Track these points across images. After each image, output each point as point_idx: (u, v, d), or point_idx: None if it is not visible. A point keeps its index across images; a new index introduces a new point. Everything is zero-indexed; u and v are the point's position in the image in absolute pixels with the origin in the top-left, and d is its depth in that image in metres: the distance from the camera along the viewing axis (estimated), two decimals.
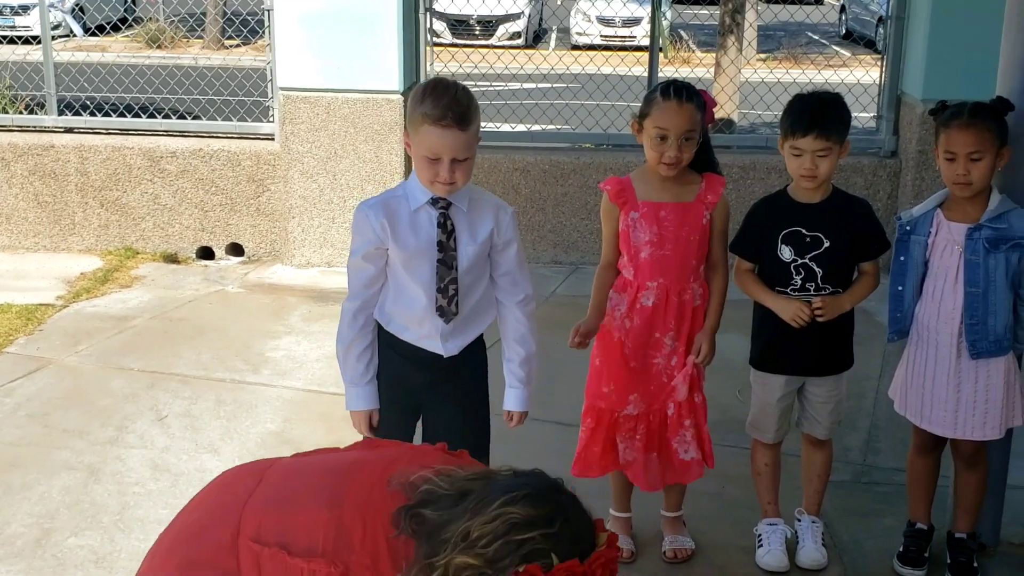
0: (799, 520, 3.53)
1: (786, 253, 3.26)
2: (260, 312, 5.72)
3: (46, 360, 5.01)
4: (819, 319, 3.23)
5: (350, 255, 2.94)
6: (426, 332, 2.93)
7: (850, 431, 4.32)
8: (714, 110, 3.31)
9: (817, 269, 3.24)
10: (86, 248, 6.54)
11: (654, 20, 6.62)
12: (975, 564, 3.39)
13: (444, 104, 2.72)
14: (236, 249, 6.57)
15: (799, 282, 3.26)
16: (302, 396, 4.66)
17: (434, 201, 2.85)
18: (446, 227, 2.85)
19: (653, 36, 6.62)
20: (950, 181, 3.17)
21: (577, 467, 3.49)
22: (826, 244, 3.23)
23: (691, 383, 3.36)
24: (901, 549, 3.46)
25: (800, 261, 3.24)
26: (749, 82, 8.03)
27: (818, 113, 3.20)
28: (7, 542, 3.56)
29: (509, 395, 3.13)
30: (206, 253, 6.55)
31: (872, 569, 3.50)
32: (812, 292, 3.26)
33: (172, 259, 6.46)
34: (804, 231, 3.24)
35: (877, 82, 6.65)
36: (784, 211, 3.28)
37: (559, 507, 1.80)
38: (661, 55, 6.75)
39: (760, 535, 3.51)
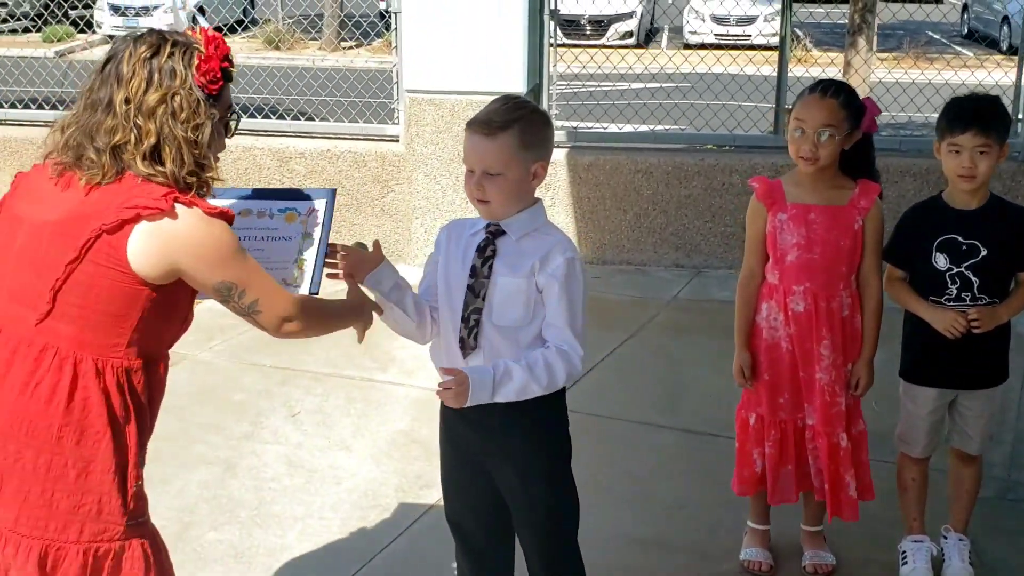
0: (945, 538, 3.41)
1: (941, 261, 3.14)
2: None
3: (180, 355, 5.12)
4: (975, 331, 3.11)
5: None
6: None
7: (993, 445, 4.15)
8: (876, 118, 3.18)
9: (973, 279, 3.12)
10: None
11: (783, 19, 6.47)
12: None
13: (485, 111, 2.55)
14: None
15: (954, 292, 3.14)
16: (428, 395, 4.67)
17: (488, 226, 2.61)
18: (484, 252, 2.57)
19: (783, 35, 6.47)
20: None
21: (774, 495, 3.36)
22: (983, 252, 3.11)
23: (851, 413, 3.28)
24: None
25: (956, 270, 3.13)
26: (882, 82, 7.83)
27: (978, 110, 3.11)
28: None
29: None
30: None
31: None
32: (968, 302, 3.14)
33: None
34: (960, 239, 3.12)
35: (1013, 83, 6.39)
36: (939, 218, 3.17)
37: (159, 30, 2.22)
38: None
39: (904, 552, 3.40)
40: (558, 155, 6.39)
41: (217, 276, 2.18)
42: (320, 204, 2.46)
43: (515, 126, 2.50)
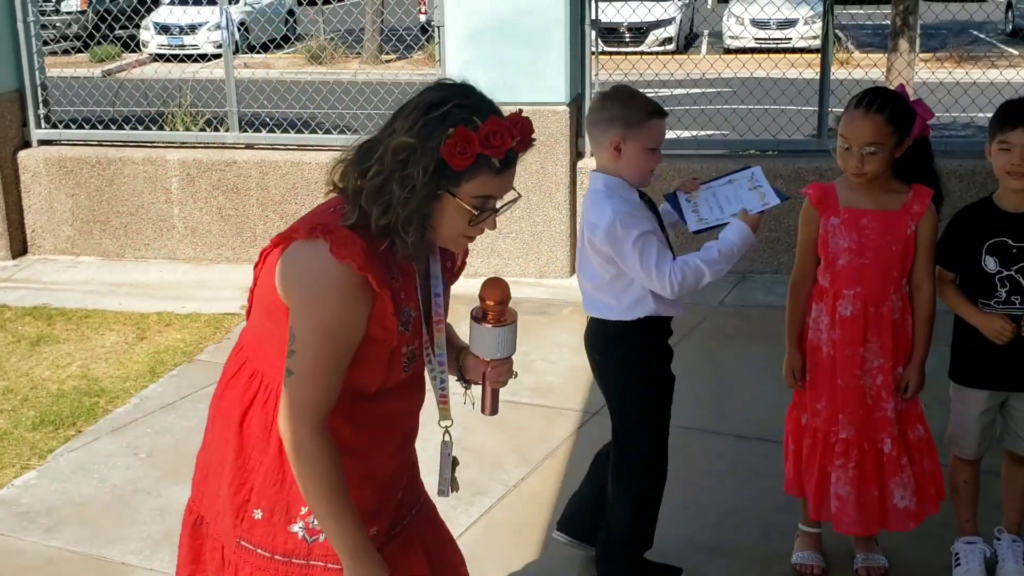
0: (999, 539, 3.41)
1: (991, 264, 3.14)
2: None
3: None
4: None
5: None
6: None
7: None
8: (928, 122, 3.18)
9: (1023, 281, 3.12)
10: None
11: (825, 21, 6.46)
12: None
13: (651, 100, 3.08)
14: None
15: (1004, 295, 3.14)
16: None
17: (642, 194, 3.15)
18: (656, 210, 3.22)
19: (826, 38, 6.46)
20: None
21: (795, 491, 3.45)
22: None
23: (906, 417, 3.28)
24: None
25: (1005, 273, 3.13)
26: (926, 84, 7.79)
27: None
28: None
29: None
30: None
31: None
32: (1017, 305, 3.13)
33: None
34: (1011, 242, 3.12)
35: None
36: (989, 220, 3.17)
37: (467, 86, 2.07)
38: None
39: (957, 554, 3.40)
40: None
41: (293, 319, 2.04)
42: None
43: (591, 104, 3.10)
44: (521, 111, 2.03)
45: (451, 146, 1.96)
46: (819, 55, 6.59)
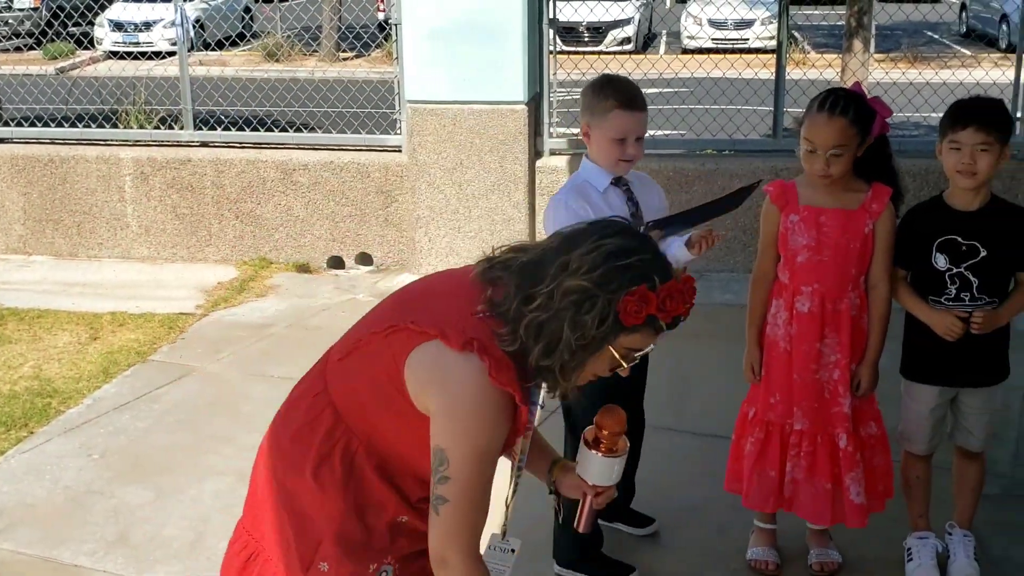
0: (950, 534, 3.45)
1: (941, 261, 3.18)
2: None
3: (190, 367, 5.18)
4: (975, 332, 3.15)
5: None
6: None
7: (997, 443, 4.18)
8: (887, 119, 3.22)
9: (973, 279, 3.16)
10: (222, 258, 6.76)
11: (781, 22, 6.51)
12: None
13: (622, 92, 3.13)
14: (365, 259, 6.71)
15: (954, 292, 3.18)
16: None
17: (617, 180, 3.19)
18: (634, 200, 3.23)
19: (780, 39, 6.51)
20: None
21: (750, 498, 3.42)
22: (983, 253, 3.15)
23: (861, 414, 3.31)
24: None
25: (955, 270, 3.17)
26: (880, 84, 7.88)
27: (978, 108, 3.15)
28: (164, 544, 3.71)
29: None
30: (336, 263, 6.71)
31: None
32: (967, 302, 3.18)
33: (304, 269, 6.64)
34: (960, 239, 3.16)
35: (1011, 81, 6.44)
36: (940, 218, 3.21)
37: (646, 237, 2.02)
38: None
39: (910, 549, 3.44)
40: (559, 162, 6.45)
41: (443, 438, 1.96)
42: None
43: None
44: (685, 269, 1.99)
45: (629, 303, 1.89)
46: (775, 55, 6.65)
